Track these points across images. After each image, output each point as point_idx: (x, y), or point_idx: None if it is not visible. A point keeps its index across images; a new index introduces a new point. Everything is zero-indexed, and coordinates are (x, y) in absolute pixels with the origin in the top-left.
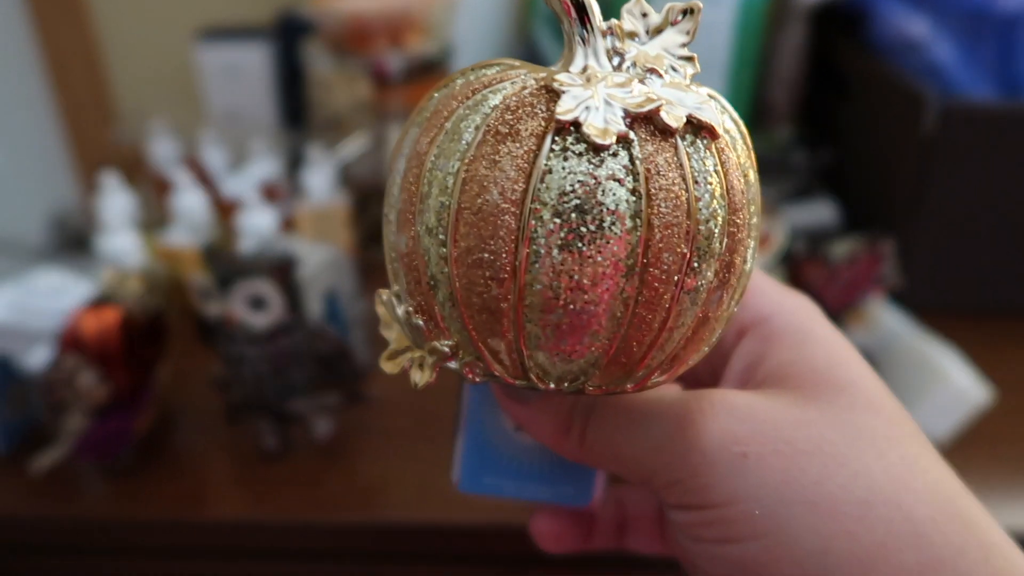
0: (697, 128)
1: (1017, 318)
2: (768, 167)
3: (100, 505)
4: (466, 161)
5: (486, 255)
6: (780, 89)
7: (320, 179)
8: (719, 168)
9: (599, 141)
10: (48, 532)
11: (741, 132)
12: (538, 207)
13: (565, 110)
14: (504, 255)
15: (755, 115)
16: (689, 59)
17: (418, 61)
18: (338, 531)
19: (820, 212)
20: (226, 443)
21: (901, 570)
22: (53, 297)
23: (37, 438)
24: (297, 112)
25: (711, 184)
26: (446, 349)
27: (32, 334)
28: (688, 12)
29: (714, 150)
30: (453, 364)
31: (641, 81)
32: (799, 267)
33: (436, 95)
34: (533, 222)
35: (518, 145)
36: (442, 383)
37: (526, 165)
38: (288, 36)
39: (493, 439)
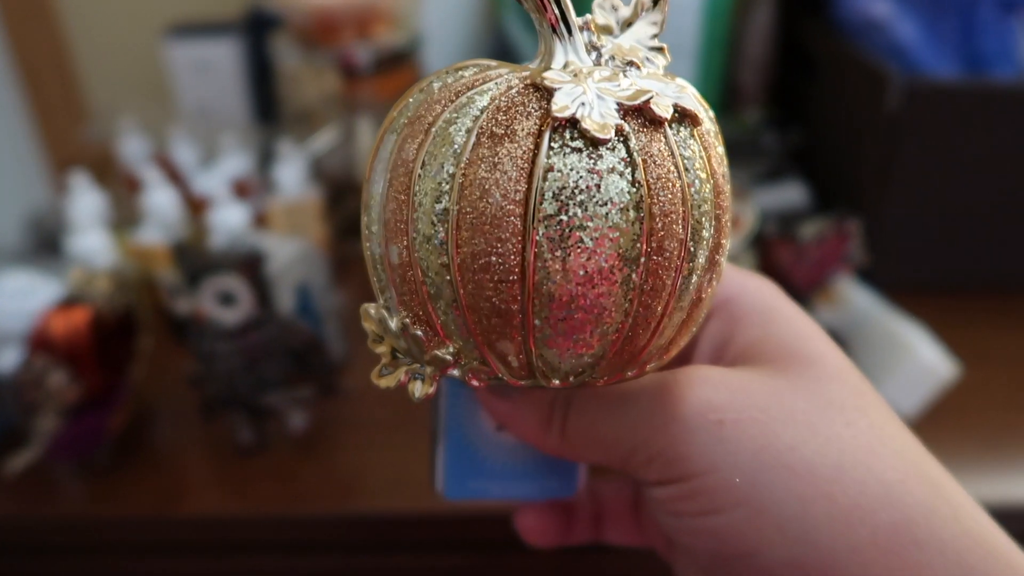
0: (681, 117)
1: (983, 294)
2: (739, 149)
3: (77, 504)
4: (462, 165)
5: (493, 258)
6: (749, 72)
7: (291, 173)
8: (703, 154)
9: (599, 136)
10: (25, 532)
11: (710, 117)
12: (543, 206)
13: (561, 107)
14: (512, 257)
15: (725, 98)
16: (660, 50)
17: (386, 52)
18: (316, 523)
19: (791, 193)
20: (202, 439)
21: (877, 530)
22: (21, 298)
23: (11, 440)
24: (268, 107)
25: (699, 170)
26: (448, 357)
27: (1, 336)
28: (656, 2)
29: (697, 136)
30: (455, 371)
31: (623, 74)
32: (769, 248)
33: (411, 100)
34: (539, 221)
35: (516, 145)
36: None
37: (526, 165)
38: (257, 31)
39: (474, 443)
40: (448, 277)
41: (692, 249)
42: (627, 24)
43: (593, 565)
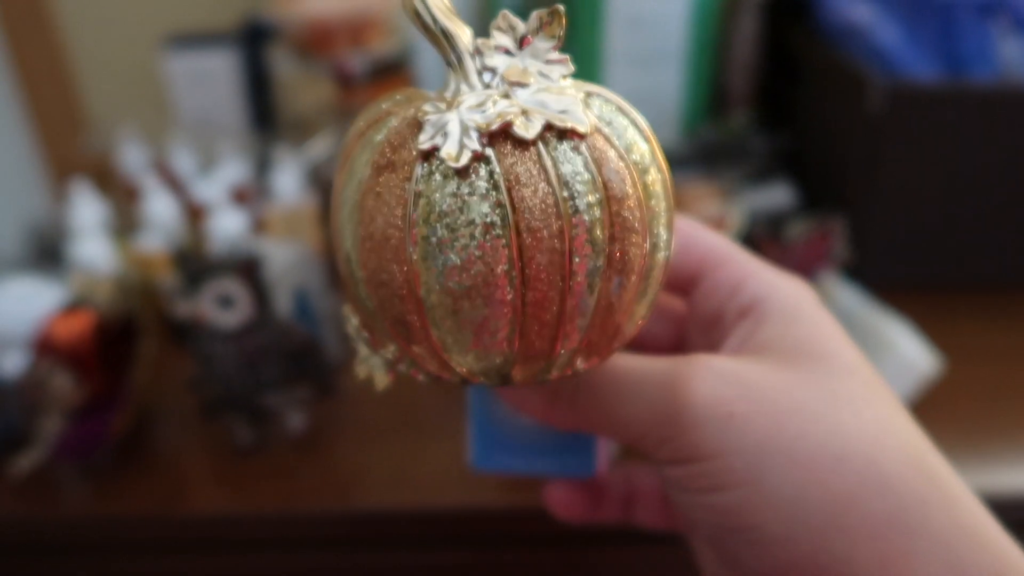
0: (562, 132)
1: (966, 291)
2: (727, 152)
3: (81, 505)
4: (360, 194)
5: (384, 276)
6: (737, 76)
7: (289, 180)
8: (591, 164)
9: (454, 165)
10: (30, 533)
11: (632, 119)
12: (417, 229)
13: (423, 140)
14: (398, 275)
15: (714, 102)
16: (561, 62)
17: (380, 61)
18: (315, 521)
19: (778, 195)
20: (203, 440)
21: (868, 516)
22: (25, 303)
23: (16, 442)
24: (265, 115)
25: (582, 182)
26: (390, 356)
27: (6, 340)
28: (553, 16)
29: (584, 149)
30: (401, 367)
31: (506, 96)
32: (757, 248)
33: (349, 132)
34: (415, 243)
35: (395, 175)
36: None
37: (402, 192)
38: (254, 41)
39: (497, 421)
40: (365, 289)
41: (577, 259)
42: (525, 41)
43: (592, 562)
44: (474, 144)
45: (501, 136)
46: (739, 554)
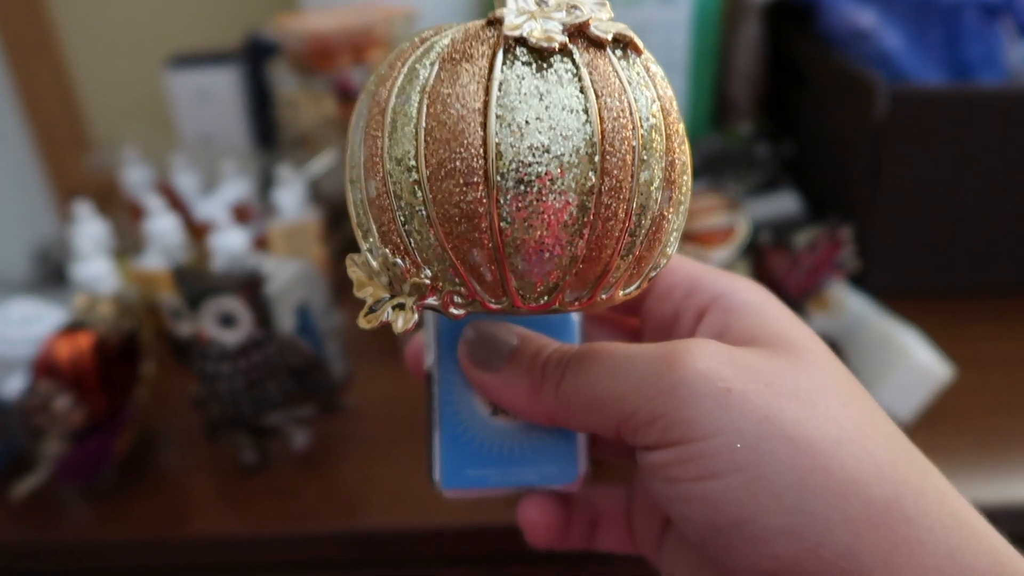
0: (624, 44)
1: (973, 297)
2: (733, 161)
3: (82, 527)
4: (427, 90)
5: (458, 163)
6: (740, 84)
7: (291, 197)
8: (646, 77)
9: (545, 45)
10: (32, 557)
11: (659, 66)
12: (500, 112)
13: (512, 26)
14: (475, 159)
15: (718, 111)
16: (602, 4)
17: None
18: (320, 540)
19: (785, 203)
20: (206, 460)
21: (870, 503)
22: (27, 325)
23: (19, 465)
24: (267, 132)
25: (644, 88)
26: (426, 281)
27: (8, 363)
28: None
29: (640, 62)
30: (432, 299)
31: (570, 12)
32: (763, 256)
33: (384, 62)
34: (496, 126)
35: (472, 64)
36: (415, 388)
37: (483, 79)
38: (255, 58)
39: (470, 428)
40: (419, 195)
41: (645, 157)
42: None
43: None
44: (560, 36)
45: (577, 36)
46: (731, 554)
